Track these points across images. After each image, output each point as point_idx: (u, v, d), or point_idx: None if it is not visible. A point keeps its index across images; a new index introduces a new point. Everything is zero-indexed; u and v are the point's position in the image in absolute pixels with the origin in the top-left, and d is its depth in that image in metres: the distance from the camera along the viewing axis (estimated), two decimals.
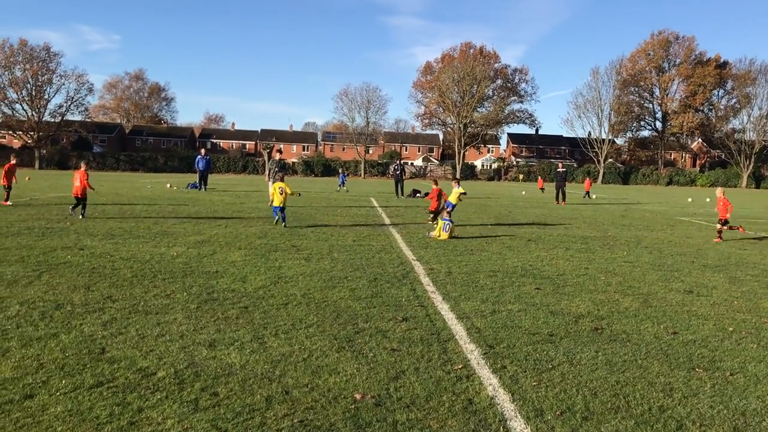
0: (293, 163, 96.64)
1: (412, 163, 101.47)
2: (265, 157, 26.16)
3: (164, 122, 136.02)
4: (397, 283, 9.19)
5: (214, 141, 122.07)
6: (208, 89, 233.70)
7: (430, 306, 7.85)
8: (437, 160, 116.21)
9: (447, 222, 14.80)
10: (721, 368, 5.82)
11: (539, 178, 50.27)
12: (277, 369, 5.37)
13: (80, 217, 16.78)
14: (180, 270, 9.68)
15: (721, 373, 5.67)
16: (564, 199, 31.97)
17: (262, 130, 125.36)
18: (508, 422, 4.49)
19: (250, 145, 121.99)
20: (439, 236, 14.55)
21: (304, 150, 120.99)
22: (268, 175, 24.57)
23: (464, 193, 17.79)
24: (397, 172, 34.20)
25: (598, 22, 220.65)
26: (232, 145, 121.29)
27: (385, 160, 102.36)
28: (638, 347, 6.40)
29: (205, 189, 34.23)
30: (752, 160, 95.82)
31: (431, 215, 18.66)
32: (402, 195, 33.06)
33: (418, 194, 34.16)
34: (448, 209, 16.20)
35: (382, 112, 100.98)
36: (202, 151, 36.40)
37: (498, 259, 11.93)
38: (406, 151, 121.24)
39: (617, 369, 5.70)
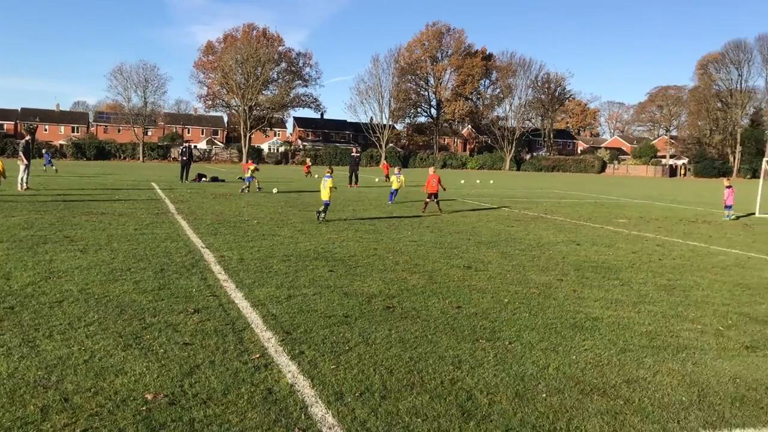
0: (61, 145, 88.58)
1: (196, 146, 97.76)
2: (29, 138, 23.75)
3: None
4: (186, 273, 8.76)
5: None
6: None
7: (223, 295, 7.58)
8: (222, 143, 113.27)
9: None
10: (501, 338, 6.30)
11: (307, 163, 51.28)
12: (54, 374, 4.84)
13: None
14: None
15: (501, 343, 6.13)
16: (357, 182, 32.81)
17: (22, 109, 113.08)
18: (309, 408, 4.46)
19: (8, 125, 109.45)
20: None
21: (74, 131, 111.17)
22: (22, 157, 22.34)
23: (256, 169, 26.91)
24: (184, 158, 32.87)
25: (378, 9, 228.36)
26: None
27: (165, 143, 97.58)
28: (427, 323, 6.71)
29: None
30: (513, 145, 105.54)
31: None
32: (187, 180, 31.82)
33: (203, 179, 33.05)
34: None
35: (161, 92, 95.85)
36: None
37: (290, 243, 11.89)
38: (188, 133, 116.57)
39: (410, 345, 5.92)
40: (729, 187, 21.98)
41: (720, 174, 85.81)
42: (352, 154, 34.63)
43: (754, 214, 23.61)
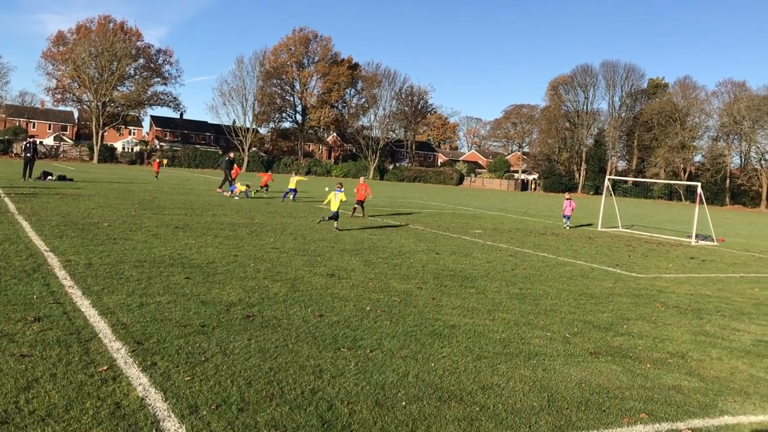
0: None
1: (41, 142, 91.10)
2: None
3: None
4: (26, 278, 8.07)
5: None
6: None
7: (67, 302, 7.04)
8: (72, 139, 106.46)
9: None
10: (363, 346, 6.30)
11: (155, 161, 49.68)
12: None
13: None
14: None
15: (362, 351, 6.14)
16: (221, 186, 31.71)
17: None
18: (161, 423, 4.22)
19: None
20: None
21: None
22: None
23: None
24: (28, 154, 30.54)
25: (243, 10, 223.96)
26: None
27: (7, 137, 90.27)
28: (289, 332, 6.59)
29: None
30: (378, 154, 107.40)
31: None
32: (30, 177, 29.58)
33: (49, 177, 30.86)
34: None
35: (3, 82, 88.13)
36: None
37: (144, 248, 11.31)
38: (34, 128, 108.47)
39: (270, 355, 5.78)
40: (568, 199, 24.46)
41: (566, 189, 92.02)
42: (227, 158, 33.72)
43: (591, 225, 25.54)
